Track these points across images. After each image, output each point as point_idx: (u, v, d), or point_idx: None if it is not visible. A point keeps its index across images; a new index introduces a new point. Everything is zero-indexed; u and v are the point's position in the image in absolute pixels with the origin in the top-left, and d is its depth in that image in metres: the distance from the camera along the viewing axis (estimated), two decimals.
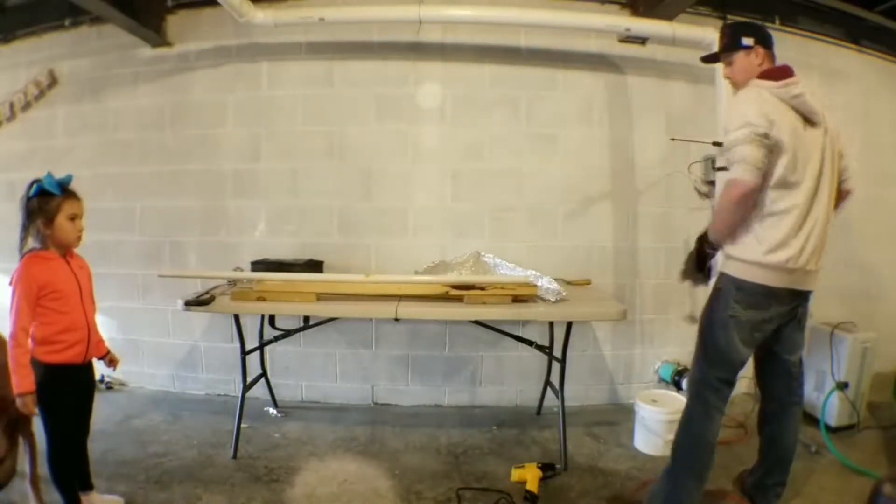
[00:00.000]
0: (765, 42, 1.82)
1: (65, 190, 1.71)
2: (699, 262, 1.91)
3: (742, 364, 1.85)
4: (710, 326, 1.83)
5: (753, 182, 1.59)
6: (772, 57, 1.83)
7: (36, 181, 1.69)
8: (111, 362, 1.96)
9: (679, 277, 2.01)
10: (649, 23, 2.75)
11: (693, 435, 1.82)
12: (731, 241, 1.74)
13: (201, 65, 3.05)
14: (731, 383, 1.85)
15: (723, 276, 1.80)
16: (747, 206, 1.65)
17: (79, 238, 1.76)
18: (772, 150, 1.60)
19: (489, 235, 2.97)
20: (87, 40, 3.17)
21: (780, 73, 1.75)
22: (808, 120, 1.71)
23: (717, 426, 1.82)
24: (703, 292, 2.87)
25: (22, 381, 1.60)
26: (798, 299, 1.83)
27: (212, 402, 3.05)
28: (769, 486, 1.97)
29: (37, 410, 1.65)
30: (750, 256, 1.70)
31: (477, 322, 2.52)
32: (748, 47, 1.80)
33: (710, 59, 2.04)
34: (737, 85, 1.84)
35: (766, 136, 1.58)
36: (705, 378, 1.83)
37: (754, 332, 1.79)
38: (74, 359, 1.75)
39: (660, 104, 3.03)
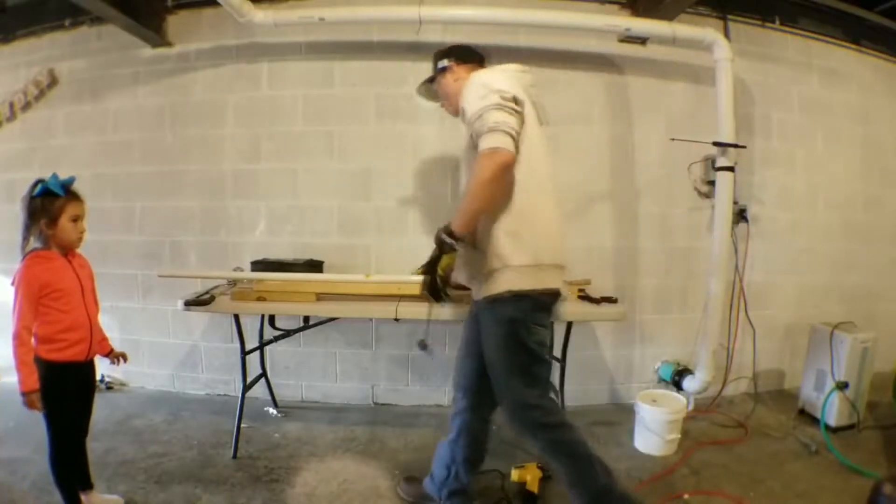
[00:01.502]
0: (464, 58, 1.81)
1: (68, 191, 1.72)
2: (435, 262, 1.57)
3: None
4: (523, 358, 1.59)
5: (511, 151, 1.43)
6: (475, 69, 1.75)
7: (40, 181, 1.70)
8: (117, 358, 1.96)
9: (420, 289, 1.64)
10: (649, 23, 2.75)
11: (573, 455, 1.61)
12: (490, 246, 1.54)
13: (201, 65, 3.05)
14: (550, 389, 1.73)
15: (498, 300, 1.54)
16: (503, 182, 1.47)
17: (80, 239, 1.77)
18: (521, 122, 1.50)
19: None
20: (87, 40, 3.17)
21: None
22: (540, 117, 1.69)
23: (576, 428, 1.65)
24: (701, 290, 2.91)
25: (26, 380, 1.61)
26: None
27: (212, 402, 3.05)
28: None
29: (42, 408, 1.65)
30: (522, 260, 1.53)
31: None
32: (445, 68, 1.81)
33: (424, 92, 2.01)
34: (452, 105, 1.75)
35: (515, 99, 1.48)
36: (530, 403, 1.61)
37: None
38: (76, 357, 1.75)
39: (660, 104, 3.03)
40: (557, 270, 1.63)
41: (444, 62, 1.81)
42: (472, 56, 1.84)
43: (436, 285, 1.58)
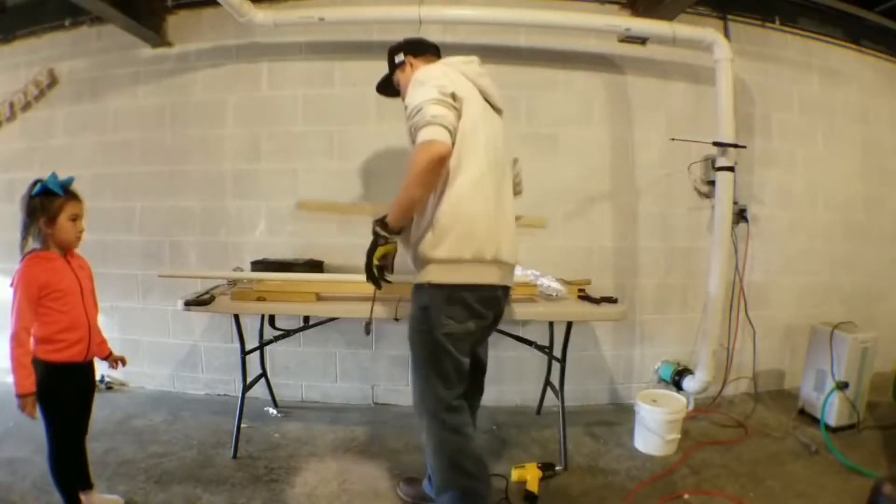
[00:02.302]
0: (418, 51, 1.81)
1: (67, 191, 1.72)
2: (371, 253, 1.70)
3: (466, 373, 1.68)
4: (428, 348, 1.62)
5: (447, 144, 1.45)
6: (431, 61, 1.77)
7: (39, 181, 1.69)
8: (116, 362, 1.96)
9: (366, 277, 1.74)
10: (649, 23, 2.75)
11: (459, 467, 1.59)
12: (421, 235, 1.56)
13: (201, 65, 3.05)
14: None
15: (419, 287, 1.60)
16: (438, 175, 1.48)
17: (79, 238, 1.77)
18: (458, 117, 1.50)
19: None
20: (87, 40, 3.17)
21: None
22: (492, 105, 1.68)
23: (472, 440, 1.64)
24: (701, 290, 2.91)
25: (22, 382, 1.60)
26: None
27: (212, 402, 3.05)
28: None
29: (36, 413, 1.64)
30: (441, 254, 1.53)
31: None
32: (401, 63, 1.81)
33: (382, 90, 1.99)
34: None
35: (453, 96, 1.48)
36: (441, 401, 1.62)
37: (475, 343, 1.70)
38: (75, 358, 1.75)
39: (660, 104, 3.03)
40: (485, 266, 1.58)
41: (400, 56, 1.82)
42: (425, 49, 1.84)
43: (372, 273, 1.71)
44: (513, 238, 1.69)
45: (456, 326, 1.58)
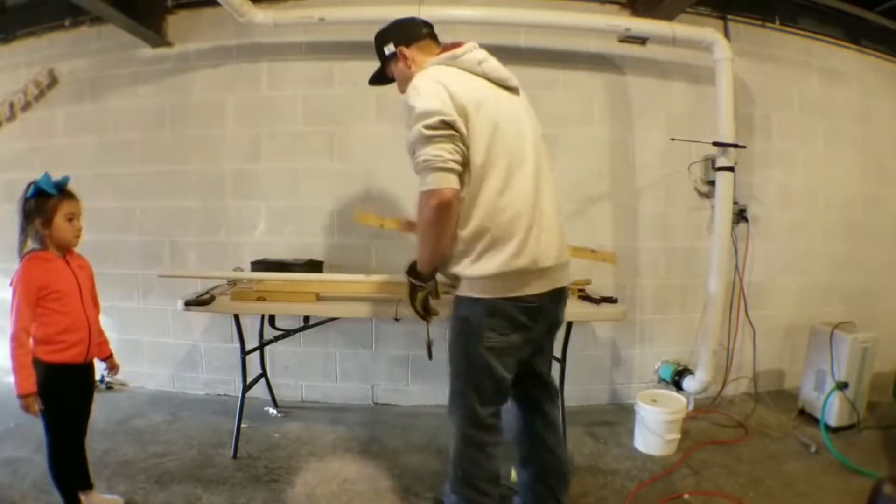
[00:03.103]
0: (408, 38, 1.61)
1: (62, 190, 1.72)
2: (412, 297, 1.61)
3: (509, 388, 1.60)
4: (467, 361, 1.55)
5: (451, 188, 1.35)
6: (427, 46, 1.62)
7: (33, 182, 1.70)
8: (111, 368, 1.96)
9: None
10: (649, 23, 2.75)
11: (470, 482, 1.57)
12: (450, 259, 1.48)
13: (201, 65, 3.05)
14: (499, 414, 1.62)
15: (462, 298, 1.51)
16: (450, 218, 1.39)
17: (77, 237, 1.77)
18: (462, 134, 1.37)
19: None
20: (87, 40, 3.17)
21: (451, 47, 1.53)
22: (506, 87, 1.55)
23: (495, 459, 1.60)
24: (701, 290, 2.91)
25: (23, 383, 1.60)
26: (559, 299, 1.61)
27: (212, 402, 3.05)
28: None
29: (38, 412, 1.64)
30: (477, 272, 1.44)
31: None
32: (392, 55, 1.63)
33: (376, 80, 1.80)
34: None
35: (447, 124, 1.35)
36: (472, 417, 1.56)
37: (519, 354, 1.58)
38: (75, 358, 1.75)
39: (660, 104, 3.03)
40: (527, 276, 1.47)
41: (390, 47, 1.63)
42: (418, 32, 1.64)
43: (419, 314, 1.65)
44: (556, 238, 1.55)
45: (499, 339, 1.49)
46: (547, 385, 1.78)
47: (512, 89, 1.60)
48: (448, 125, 1.37)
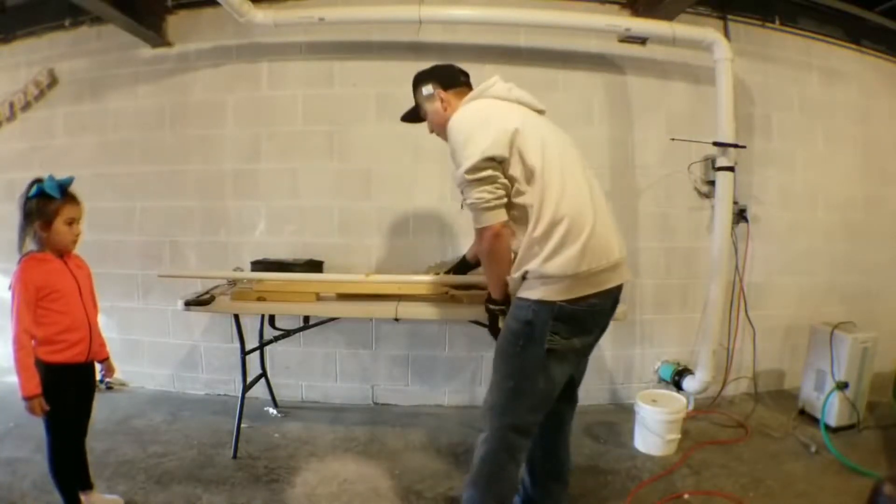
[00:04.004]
0: (448, 83, 1.73)
1: (65, 192, 1.70)
2: (493, 321, 1.72)
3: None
4: (523, 364, 1.55)
5: (499, 222, 1.49)
6: (462, 93, 1.72)
7: (37, 181, 1.68)
8: (108, 371, 1.95)
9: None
10: (649, 23, 2.75)
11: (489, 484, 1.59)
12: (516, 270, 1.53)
13: (201, 65, 3.05)
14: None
15: (525, 301, 1.52)
16: (503, 243, 1.52)
17: (74, 242, 1.76)
18: (505, 161, 1.48)
19: None
20: (87, 40, 3.17)
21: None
22: (536, 110, 1.69)
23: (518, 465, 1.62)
24: (701, 290, 2.91)
25: (27, 384, 1.60)
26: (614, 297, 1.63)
27: (212, 402, 3.05)
28: None
29: (43, 413, 1.64)
30: (538, 289, 1.48)
31: (477, 322, 2.52)
32: (430, 95, 1.74)
33: (409, 118, 1.91)
34: (444, 136, 1.65)
35: (490, 159, 1.46)
36: (516, 422, 1.57)
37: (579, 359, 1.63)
38: (76, 358, 1.75)
39: (660, 104, 3.02)
40: (593, 275, 1.48)
41: (429, 89, 1.74)
42: (456, 79, 1.76)
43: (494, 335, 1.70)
44: (615, 234, 1.59)
45: (560, 342, 1.50)
46: (574, 396, 1.81)
47: (540, 112, 1.71)
48: (490, 159, 1.46)
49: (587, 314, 1.52)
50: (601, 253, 1.49)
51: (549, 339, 1.48)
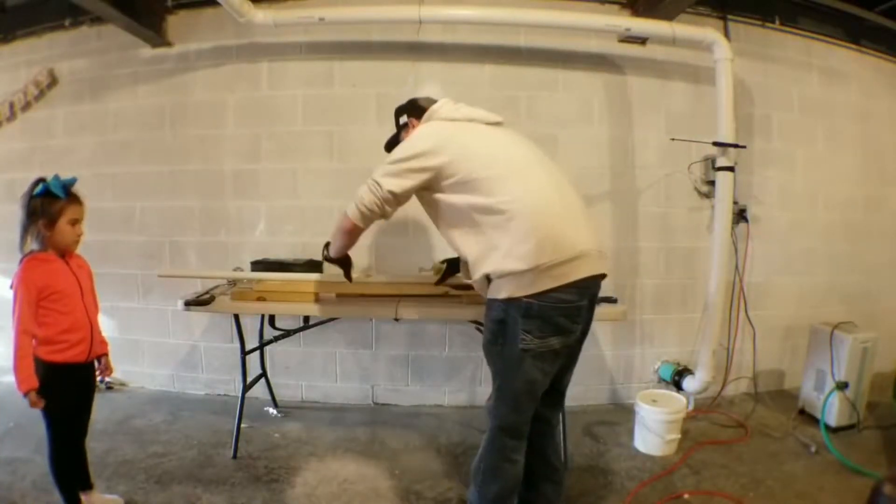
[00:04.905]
0: (417, 113, 1.89)
1: (69, 193, 1.71)
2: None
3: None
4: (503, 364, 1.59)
5: (361, 226, 1.84)
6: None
7: (41, 180, 1.68)
8: (105, 369, 1.94)
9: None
10: (649, 23, 2.75)
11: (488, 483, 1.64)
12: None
13: (201, 65, 3.05)
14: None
15: (495, 301, 1.55)
16: (353, 238, 1.90)
17: (77, 242, 1.76)
18: (432, 171, 1.65)
19: None
20: (87, 40, 3.17)
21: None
22: (488, 123, 1.76)
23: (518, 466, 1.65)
24: (701, 290, 2.91)
25: (26, 379, 1.61)
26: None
27: (212, 402, 3.05)
28: None
29: (43, 404, 1.64)
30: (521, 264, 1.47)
31: (477, 322, 2.52)
32: (405, 125, 1.93)
33: (390, 146, 2.00)
34: None
35: (422, 169, 1.67)
36: (503, 423, 1.61)
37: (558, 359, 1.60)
38: (76, 358, 1.75)
39: (660, 104, 3.03)
40: (546, 272, 1.46)
41: (404, 118, 1.94)
42: (425, 109, 1.87)
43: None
44: (584, 224, 1.57)
45: (535, 342, 1.50)
46: (561, 400, 1.83)
47: (497, 124, 1.79)
48: (414, 169, 1.71)
49: (557, 311, 1.50)
50: (562, 245, 1.48)
51: (522, 339, 1.50)
